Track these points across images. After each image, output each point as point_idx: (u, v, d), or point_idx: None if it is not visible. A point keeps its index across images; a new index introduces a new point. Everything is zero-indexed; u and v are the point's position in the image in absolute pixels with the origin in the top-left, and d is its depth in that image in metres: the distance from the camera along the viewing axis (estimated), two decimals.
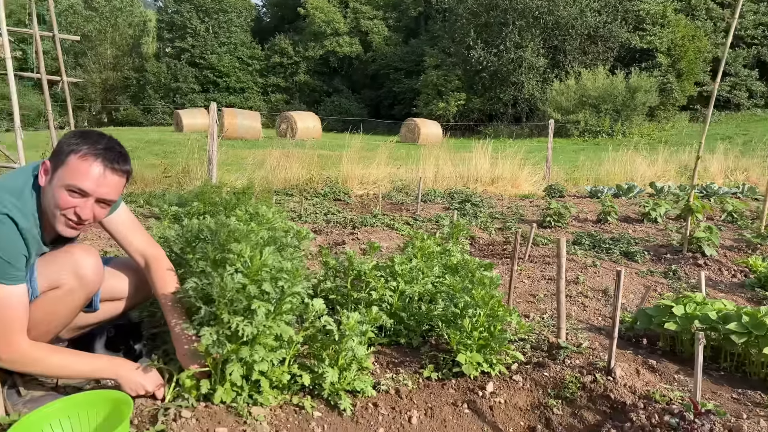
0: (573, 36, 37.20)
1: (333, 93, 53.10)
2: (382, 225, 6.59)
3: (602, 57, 37.21)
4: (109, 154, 2.04)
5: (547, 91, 35.37)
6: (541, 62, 37.48)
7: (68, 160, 1.98)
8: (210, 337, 2.03)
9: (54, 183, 2.00)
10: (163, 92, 51.96)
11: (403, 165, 11.81)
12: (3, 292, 1.88)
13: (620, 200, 9.50)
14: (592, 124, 31.12)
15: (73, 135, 2.06)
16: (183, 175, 9.24)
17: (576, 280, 4.44)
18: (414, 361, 2.81)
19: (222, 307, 2.05)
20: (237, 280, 2.02)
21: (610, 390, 2.41)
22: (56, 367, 2.07)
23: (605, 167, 12.59)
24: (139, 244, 2.40)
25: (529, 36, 37.40)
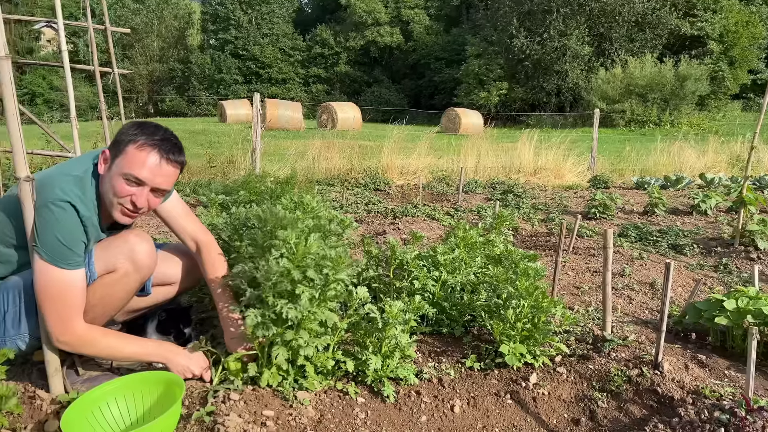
0: (620, 23, 36.16)
1: (373, 83, 53.08)
2: (423, 215, 6.58)
3: (650, 44, 36.07)
4: (166, 145, 2.11)
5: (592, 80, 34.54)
6: (586, 50, 36.60)
7: (127, 150, 2.06)
8: (255, 318, 2.08)
9: (112, 171, 2.07)
10: (207, 83, 52.86)
11: (443, 155, 11.76)
12: (63, 277, 1.97)
13: (668, 192, 9.24)
14: (638, 114, 30.29)
15: (132, 125, 2.13)
16: (227, 165, 9.42)
17: (622, 273, 4.36)
18: (456, 350, 2.81)
19: (267, 290, 2.10)
20: (282, 265, 2.06)
21: (658, 384, 2.36)
22: (107, 350, 2.15)
23: (652, 158, 12.25)
24: (191, 230, 2.49)
25: (573, 23, 36.53)
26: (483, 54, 41.66)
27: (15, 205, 2.02)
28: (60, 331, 2.01)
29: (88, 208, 2.04)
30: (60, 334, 2.01)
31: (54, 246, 1.94)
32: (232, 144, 9.92)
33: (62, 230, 1.94)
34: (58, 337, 2.02)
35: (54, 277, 1.96)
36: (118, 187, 2.06)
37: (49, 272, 1.95)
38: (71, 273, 1.98)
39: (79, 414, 1.86)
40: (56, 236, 1.93)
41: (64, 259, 1.96)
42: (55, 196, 1.95)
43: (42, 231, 1.93)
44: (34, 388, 2.24)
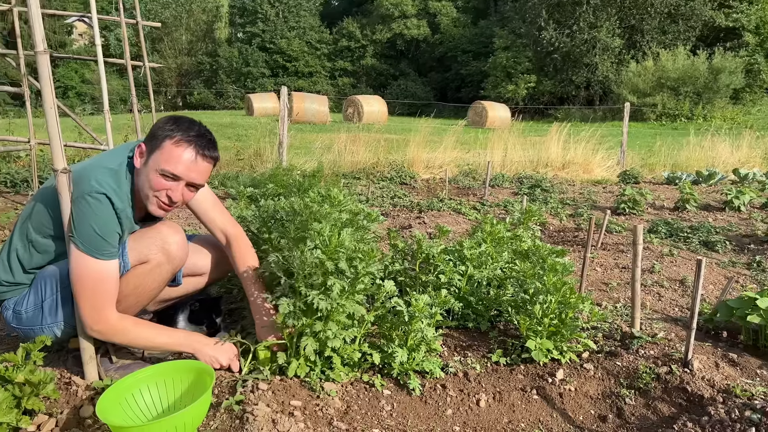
0: (652, 15, 35.45)
1: (399, 76, 52.98)
2: (449, 209, 6.56)
3: (683, 36, 35.29)
4: (201, 141, 2.15)
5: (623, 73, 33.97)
6: (617, 43, 35.97)
7: (163, 145, 2.10)
8: (287, 306, 2.12)
9: (149, 166, 2.12)
10: (235, 77, 53.35)
11: (469, 149, 11.69)
12: (98, 267, 2.02)
13: (700, 187, 9.06)
14: (670, 108, 29.70)
15: (167, 121, 2.17)
16: (255, 158, 9.51)
17: (651, 269, 4.30)
18: (482, 345, 2.81)
19: (300, 280, 2.14)
20: (315, 255, 2.09)
21: (687, 382, 2.33)
22: (138, 339, 2.20)
23: (684, 152, 12.00)
24: (221, 221, 2.53)
25: (604, 15, 35.92)
26: (511, 46, 41.25)
27: (52, 196, 2.07)
28: (93, 320, 2.06)
29: (123, 201, 2.08)
30: (93, 323, 2.07)
31: (90, 237, 1.99)
32: (259, 137, 10.00)
33: (98, 221, 1.99)
34: (91, 325, 2.08)
35: (89, 267, 2.01)
36: (154, 182, 2.11)
37: (85, 262, 2.01)
38: (106, 263, 2.04)
39: (113, 400, 1.91)
40: (92, 227, 1.98)
41: (99, 250, 2.01)
42: (91, 188, 2.00)
43: (78, 222, 1.99)
44: (69, 375, 2.31)
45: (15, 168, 7.46)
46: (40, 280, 2.18)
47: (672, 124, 28.20)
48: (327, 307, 2.11)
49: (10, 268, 2.20)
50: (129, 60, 5.24)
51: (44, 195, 2.18)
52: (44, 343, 2.03)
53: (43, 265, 2.22)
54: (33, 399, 1.91)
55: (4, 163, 7.96)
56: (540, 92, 39.69)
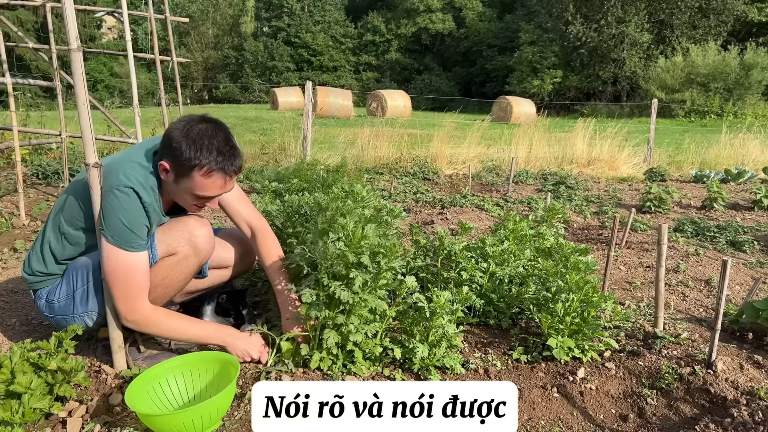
0: (682, 9, 34.75)
1: (424, 71, 52.77)
2: (472, 205, 6.55)
3: (714, 31, 34.55)
4: (227, 162, 2.13)
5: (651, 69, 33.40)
6: (645, 38, 35.35)
7: (192, 175, 2.11)
8: (310, 296, 2.15)
9: (180, 187, 2.16)
10: (260, 71, 53.67)
11: (493, 145, 11.62)
12: (129, 259, 2.08)
13: (728, 186, 8.90)
14: (699, 104, 29.13)
15: (185, 140, 2.08)
16: (279, 152, 9.58)
17: (676, 269, 4.25)
18: (503, 342, 2.82)
19: (323, 271, 2.17)
20: (338, 247, 2.13)
21: (710, 383, 2.31)
22: (171, 330, 2.26)
23: (713, 150, 11.77)
24: (247, 215, 2.58)
25: (633, 10, 35.32)
26: (537, 41, 40.80)
27: (84, 189, 2.13)
28: (127, 310, 2.12)
29: (150, 194, 2.14)
30: (127, 314, 2.13)
31: (119, 230, 2.04)
32: (283, 131, 10.06)
33: (126, 215, 2.05)
34: (125, 316, 2.14)
35: (119, 259, 2.07)
36: (188, 201, 2.22)
37: (115, 254, 2.06)
38: (135, 255, 2.09)
39: (141, 389, 1.97)
40: (121, 220, 2.04)
41: (128, 242, 2.06)
42: (119, 182, 2.06)
43: (108, 215, 2.04)
44: (99, 363, 2.38)
45: (46, 160, 7.63)
46: (72, 271, 2.25)
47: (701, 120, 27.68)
48: (349, 299, 2.14)
49: (43, 259, 2.27)
50: (158, 55, 5.33)
51: (76, 188, 2.24)
52: (76, 332, 2.09)
53: (75, 257, 2.29)
54: (65, 386, 1.98)
55: (36, 155, 8.15)
56: (566, 87, 39.23)
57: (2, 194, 5.79)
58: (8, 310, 3.08)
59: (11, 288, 3.40)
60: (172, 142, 2.10)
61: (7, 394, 1.85)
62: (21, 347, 2.00)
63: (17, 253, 4.10)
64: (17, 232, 4.67)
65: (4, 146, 5.33)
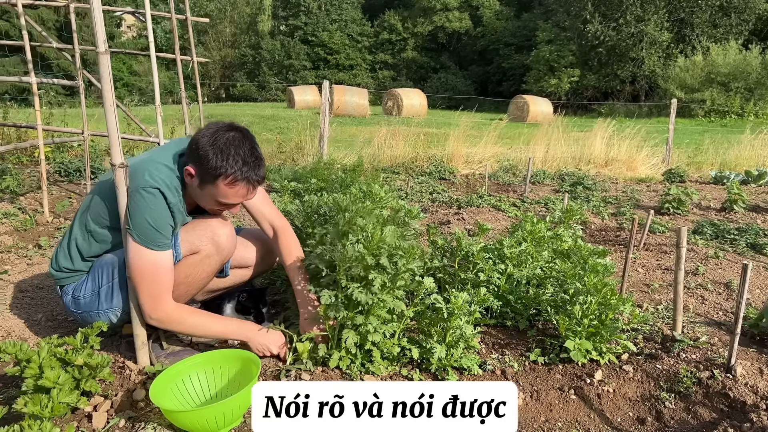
0: (702, 8, 34.34)
1: (440, 69, 52.68)
2: (488, 206, 6.55)
3: (735, 30, 34.10)
4: (252, 172, 2.18)
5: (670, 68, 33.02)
6: (665, 36, 34.98)
7: (217, 183, 2.17)
8: (329, 297, 2.18)
9: (205, 192, 2.22)
10: (277, 69, 53.94)
11: (510, 144, 11.58)
12: (154, 258, 2.12)
13: (749, 187, 8.79)
14: (719, 104, 28.74)
15: (212, 149, 2.13)
16: (296, 151, 9.64)
17: (695, 272, 4.22)
18: (520, 343, 2.83)
19: (341, 273, 2.21)
20: (357, 250, 2.15)
21: (729, 388, 2.31)
22: (194, 327, 2.31)
23: (733, 151, 11.62)
24: (269, 214, 2.64)
25: (652, 8, 34.96)
26: (554, 40, 40.55)
27: (110, 189, 2.18)
28: (152, 308, 2.17)
29: (174, 195, 2.18)
30: (152, 311, 2.18)
31: (145, 229, 2.09)
32: (300, 130, 10.13)
33: (152, 214, 2.09)
34: (150, 314, 2.19)
35: (145, 258, 2.11)
36: (212, 207, 2.30)
37: (141, 253, 2.11)
38: (161, 254, 2.14)
39: (164, 385, 2.01)
40: (147, 220, 2.09)
41: (153, 241, 2.11)
42: (145, 182, 2.10)
43: (134, 215, 2.09)
44: (123, 359, 2.43)
45: (68, 158, 7.76)
46: (98, 268, 2.30)
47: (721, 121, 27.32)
48: (367, 300, 2.17)
49: (69, 255, 2.33)
50: (179, 54, 5.39)
51: (102, 188, 2.30)
52: (101, 329, 2.14)
53: (101, 254, 2.34)
54: (91, 381, 2.02)
55: (58, 153, 8.28)
56: (583, 87, 38.96)
57: (26, 191, 5.89)
58: (34, 306, 3.15)
59: (36, 284, 3.48)
60: (199, 149, 2.14)
61: (35, 389, 1.89)
62: (48, 342, 2.05)
63: (41, 249, 4.19)
64: (41, 228, 4.76)
65: (28, 144, 5.42)
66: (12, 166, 6.87)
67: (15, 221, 4.79)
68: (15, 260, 3.93)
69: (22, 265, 3.84)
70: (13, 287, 3.40)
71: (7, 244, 4.24)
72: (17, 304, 3.17)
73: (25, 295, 3.30)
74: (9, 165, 6.87)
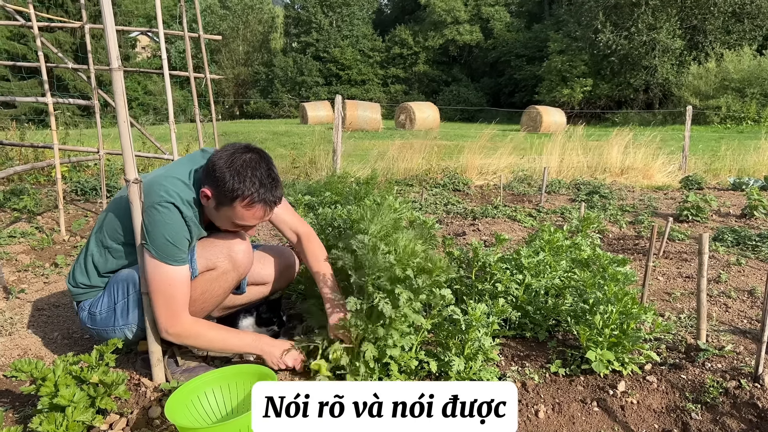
0: (715, 14, 34.12)
1: (452, 82, 52.82)
2: (504, 216, 6.50)
3: (748, 36, 33.82)
4: (268, 193, 2.19)
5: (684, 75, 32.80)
6: (677, 44, 34.78)
7: (234, 206, 2.17)
8: (355, 305, 2.17)
9: (221, 213, 2.23)
10: (290, 86, 54.43)
11: (524, 155, 11.53)
12: (171, 272, 2.12)
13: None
14: (735, 110, 28.43)
15: (229, 170, 2.12)
16: (309, 166, 9.67)
17: (717, 279, 4.13)
18: (540, 355, 2.77)
19: (369, 282, 2.19)
20: (389, 260, 2.15)
21: (758, 398, 2.24)
22: (212, 341, 2.31)
23: (751, 157, 11.45)
24: (292, 222, 2.64)
25: (664, 16, 34.82)
26: (566, 50, 40.49)
27: (125, 205, 2.18)
28: (169, 323, 2.17)
29: (189, 209, 2.18)
30: (169, 326, 2.17)
31: (162, 244, 2.09)
32: (314, 145, 10.17)
33: (169, 230, 2.09)
34: (167, 329, 2.18)
35: (162, 273, 2.11)
36: (230, 227, 2.30)
37: (158, 269, 2.11)
38: (178, 269, 2.14)
39: (180, 402, 1.99)
40: (164, 235, 2.08)
41: (171, 257, 2.11)
42: (160, 198, 2.10)
43: (151, 230, 2.09)
44: (138, 376, 2.42)
45: (85, 177, 7.84)
46: (114, 284, 2.30)
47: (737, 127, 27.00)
48: (390, 314, 2.14)
49: (86, 271, 2.33)
50: (192, 72, 5.44)
51: (117, 205, 2.30)
52: (116, 346, 2.13)
53: (117, 269, 2.34)
54: (106, 399, 2.01)
55: (74, 172, 8.38)
56: (596, 96, 38.79)
57: (43, 210, 5.96)
58: (50, 324, 3.16)
59: (53, 303, 3.49)
60: (216, 171, 2.14)
61: (51, 407, 1.88)
62: (63, 360, 2.04)
63: (58, 268, 4.21)
64: (58, 247, 4.79)
65: (45, 164, 5.49)
66: (29, 185, 6.96)
67: (32, 240, 4.83)
68: (32, 279, 3.96)
69: (39, 283, 3.86)
70: (30, 306, 3.41)
71: (25, 263, 4.27)
72: (34, 322, 3.18)
73: (42, 314, 3.31)
74: (26, 185, 6.96)
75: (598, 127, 27.42)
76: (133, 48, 50.12)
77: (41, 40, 4.90)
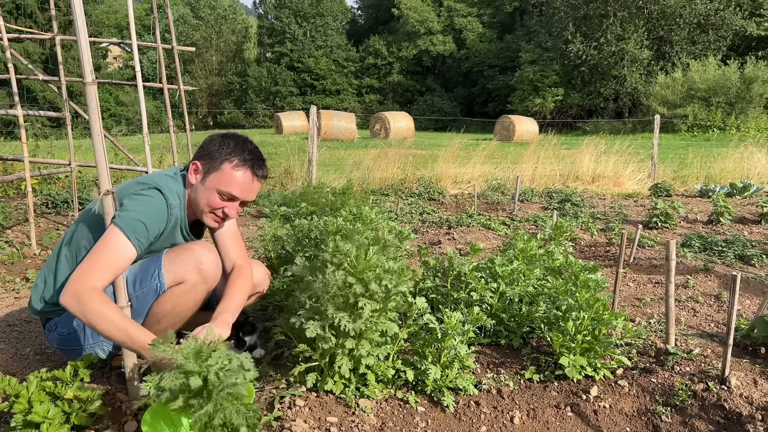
0: (680, 25, 35.03)
1: (426, 92, 53.23)
2: (478, 225, 6.57)
3: (713, 46, 34.78)
4: (256, 163, 2.32)
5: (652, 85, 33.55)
6: (645, 54, 35.61)
7: (222, 168, 2.26)
8: (314, 330, 2.15)
9: (206, 184, 2.28)
10: (264, 96, 54.23)
11: (498, 164, 11.67)
12: (120, 241, 2.03)
13: (734, 200, 8.89)
14: (701, 119, 29.15)
15: (223, 142, 2.32)
16: (285, 176, 9.65)
17: (685, 284, 4.24)
18: (515, 362, 2.82)
19: (326, 302, 2.16)
20: (338, 278, 2.11)
21: (725, 399, 2.31)
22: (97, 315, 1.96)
23: (717, 164, 11.75)
24: (234, 254, 2.50)
25: (632, 27, 35.64)
26: (537, 60, 41.15)
27: (95, 218, 2.17)
28: (77, 276, 1.99)
29: (175, 198, 2.25)
30: (74, 281, 1.98)
31: (131, 219, 2.06)
32: (289, 155, 10.15)
33: (147, 208, 2.13)
34: (70, 283, 1.98)
35: (113, 238, 2.03)
36: (212, 200, 2.28)
37: (114, 233, 2.04)
38: (129, 246, 2.04)
39: (156, 416, 1.97)
40: (139, 212, 2.10)
41: (132, 230, 2.05)
42: (146, 186, 2.19)
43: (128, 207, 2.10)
44: (114, 391, 2.39)
45: (56, 189, 7.71)
46: None
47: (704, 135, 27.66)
48: (356, 328, 2.13)
49: (54, 287, 2.29)
50: (165, 83, 5.41)
51: (88, 216, 2.27)
52: (91, 361, 2.11)
53: None
54: (81, 415, 1.99)
55: (45, 184, 8.23)
56: (568, 105, 39.45)
57: (13, 224, 5.84)
58: (22, 340, 3.11)
59: (24, 318, 3.43)
60: (209, 144, 2.32)
61: (25, 424, 1.86)
62: (37, 376, 2.01)
63: (29, 282, 4.14)
64: (29, 261, 4.71)
65: (15, 177, 5.40)
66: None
67: (2, 254, 4.74)
68: (2, 294, 3.89)
69: (10, 299, 3.79)
70: (0, 322, 3.35)
71: None
72: (5, 338, 3.12)
73: (13, 329, 3.25)
74: None
75: (569, 135, 27.88)
76: (105, 58, 49.44)
77: (11, 51, 4.84)
